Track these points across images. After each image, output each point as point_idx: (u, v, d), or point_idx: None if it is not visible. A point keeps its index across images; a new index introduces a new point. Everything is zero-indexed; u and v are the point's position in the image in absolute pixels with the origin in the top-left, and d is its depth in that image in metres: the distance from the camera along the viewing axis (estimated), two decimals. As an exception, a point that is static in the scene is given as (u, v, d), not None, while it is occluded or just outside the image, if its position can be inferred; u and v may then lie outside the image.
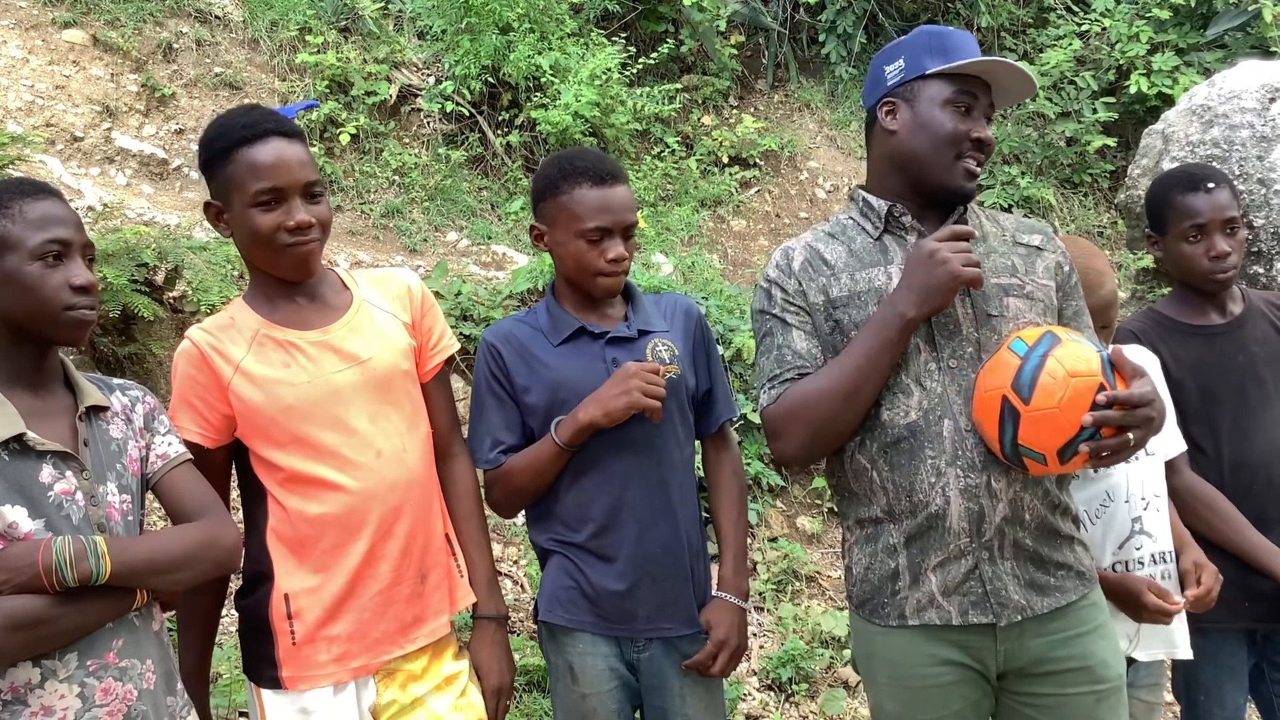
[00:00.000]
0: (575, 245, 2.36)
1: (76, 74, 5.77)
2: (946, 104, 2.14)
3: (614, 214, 2.36)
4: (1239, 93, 5.27)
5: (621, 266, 2.38)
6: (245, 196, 2.10)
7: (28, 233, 1.83)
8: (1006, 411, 1.95)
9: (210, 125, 2.21)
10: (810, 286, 2.21)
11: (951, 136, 2.14)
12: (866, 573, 2.19)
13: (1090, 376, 1.93)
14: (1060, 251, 2.25)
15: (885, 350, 2.07)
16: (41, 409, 1.86)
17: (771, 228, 7.02)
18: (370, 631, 2.15)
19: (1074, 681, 2.09)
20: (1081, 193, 7.35)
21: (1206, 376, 2.69)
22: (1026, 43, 7.95)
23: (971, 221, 2.22)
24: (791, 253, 2.27)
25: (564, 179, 2.38)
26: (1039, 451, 1.95)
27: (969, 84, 2.15)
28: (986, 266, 2.16)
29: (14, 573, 1.71)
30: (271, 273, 2.20)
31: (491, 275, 5.53)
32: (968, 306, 2.12)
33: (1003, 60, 2.14)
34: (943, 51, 2.16)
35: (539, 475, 2.36)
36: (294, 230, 2.11)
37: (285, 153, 2.12)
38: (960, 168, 2.14)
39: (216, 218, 2.17)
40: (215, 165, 2.13)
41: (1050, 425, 1.92)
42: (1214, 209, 2.65)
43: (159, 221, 4.86)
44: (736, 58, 7.58)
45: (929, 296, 2.04)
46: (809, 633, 4.13)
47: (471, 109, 6.50)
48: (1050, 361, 1.95)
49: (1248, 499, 2.63)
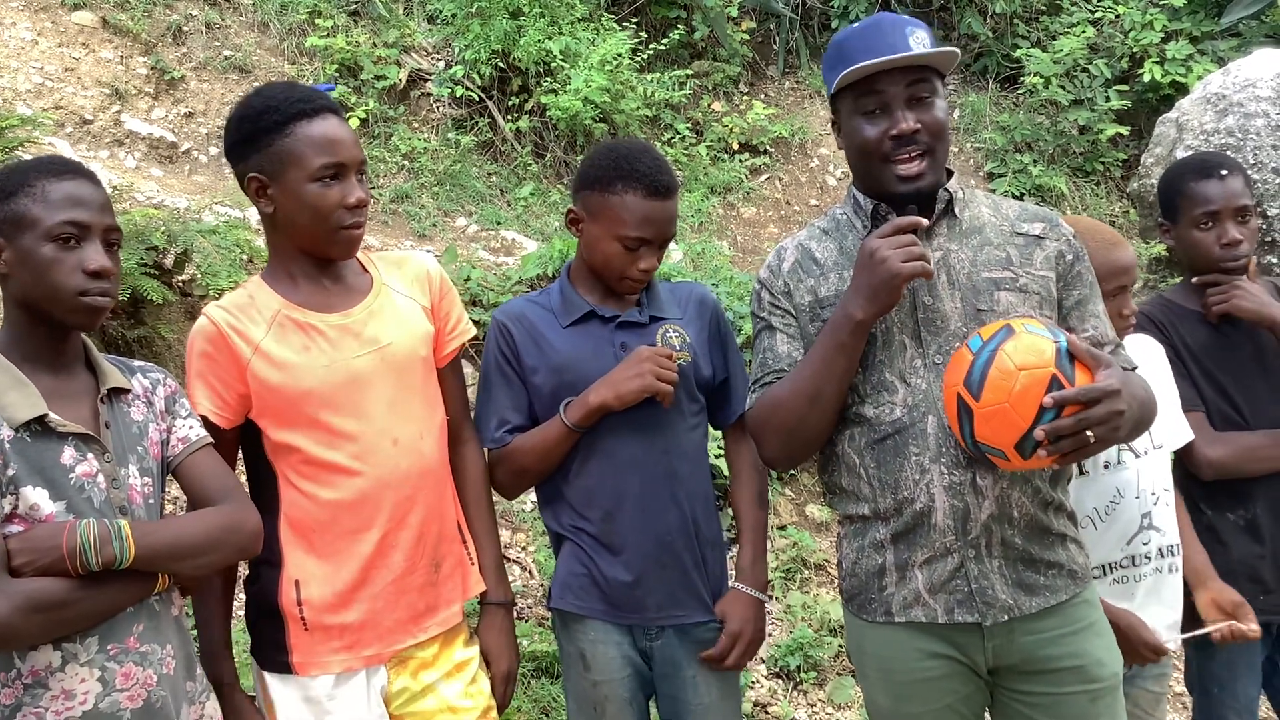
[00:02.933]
0: (611, 245, 2.34)
1: (86, 56, 5.77)
2: (858, 112, 2.10)
3: (658, 227, 2.34)
4: (1254, 81, 5.24)
5: (649, 276, 2.38)
6: (306, 171, 2.07)
7: (46, 212, 1.81)
8: (961, 409, 1.92)
9: (250, 100, 2.16)
10: (799, 288, 2.19)
11: (867, 146, 2.10)
12: (855, 567, 2.18)
13: (1041, 369, 1.87)
14: (1064, 239, 2.17)
15: (839, 353, 2.05)
16: (63, 390, 1.85)
17: (781, 215, 7.00)
18: (383, 620, 2.14)
19: (1067, 680, 2.07)
20: (1094, 181, 7.31)
21: (1216, 363, 2.68)
22: (1039, 30, 7.90)
23: (970, 210, 2.17)
24: (784, 252, 2.26)
25: (620, 179, 2.33)
26: (997, 447, 1.90)
27: (871, 83, 2.07)
28: (979, 259, 2.11)
29: (37, 554, 1.71)
30: (316, 251, 2.17)
31: (501, 261, 5.52)
32: (956, 301, 2.09)
33: (872, 63, 2.04)
34: (839, 62, 2.10)
35: (545, 456, 2.35)
36: (353, 209, 2.10)
37: (342, 130, 2.11)
38: (890, 171, 2.09)
39: (259, 192, 2.12)
40: (265, 137, 2.09)
41: (1001, 420, 1.87)
42: (1226, 196, 2.63)
43: (168, 205, 4.85)
44: (748, 44, 7.55)
45: (875, 296, 2.00)
46: (817, 621, 4.13)
47: (481, 94, 6.48)
48: (1000, 356, 1.89)
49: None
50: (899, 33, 2.08)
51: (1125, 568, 2.47)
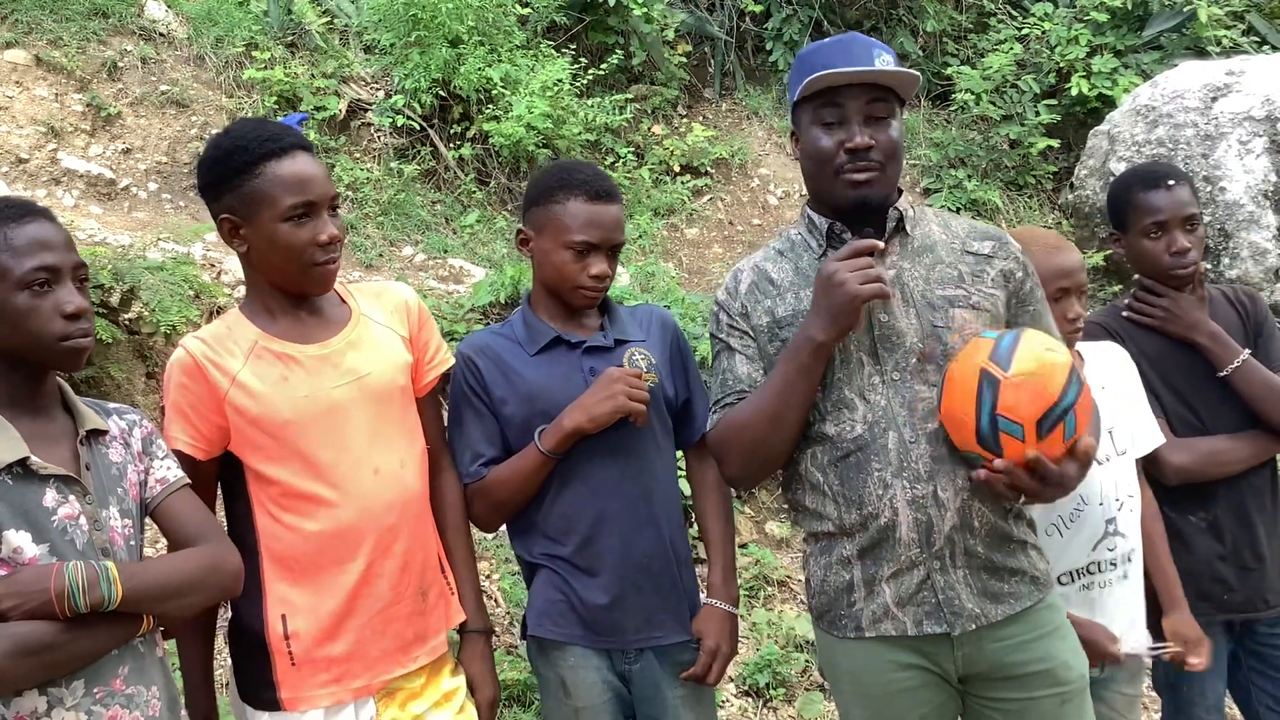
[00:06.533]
0: (560, 255, 2.37)
1: (20, 94, 5.67)
2: (816, 122, 2.14)
3: (604, 230, 2.37)
4: (1181, 92, 5.40)
5: (603, 284, 2.39)
6: (276, 210, 2.07)
7: (14, 261, 1.78)
8: (985, 383, 1.96)
9: (220, 140, 2.16)
10: (756, 309, 2.22)
11: (821, 155, 2.14)
12: (823, 585, 2.20)
13: (1063, 355, 2.00)
14: (1013, 257, 2.22)
15: (801, 375, 2.08)
16: (42, 433, 1.83)
17: (725, 235, 7.05)
18: (370, 650, 2.13)
19: (1037, 685, 2.11)
20: (1026, 194, 7.45)
21: (1172, 370, 2.73)
22: (968, 47, 8.05)
23: (921, 228, 2.22)
24: (740, 274, 2.29)
25: (560, 189, 2.38)
26: (1017, 421, 1.94)
27: (832, 96, 2.12)
28: (932, 277, 2.16)
29: (25, 598, 1.68)
30: (291, 288, 2.17)
31: (450, 289, 5.49)
32: (912, 318, 2.13)
33: (832, 72, 2.09)
34: (805, 71, 2.15)
35: (522, 486, 2.35)
36: (325, 245, 2.10)
37: (312, 167, 2.11)
38: (842, 181, 2.13)
39: (232, 233, 2.12)
40: (235, 178, 2.08)
41: (1031, 390, 1.94)
42: (1174, 206, 2.69)
43: (110, 242, 4.77)
44: (684, 67, 7.61)
45: (835, 319, 2.04)
46: (783, 637, 4.15)
47: (423, 123, 6.45)
48: (1026, 336, 2.01)
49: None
50: (866, 52, 2.14)
51: (1092, 574, 2.51)
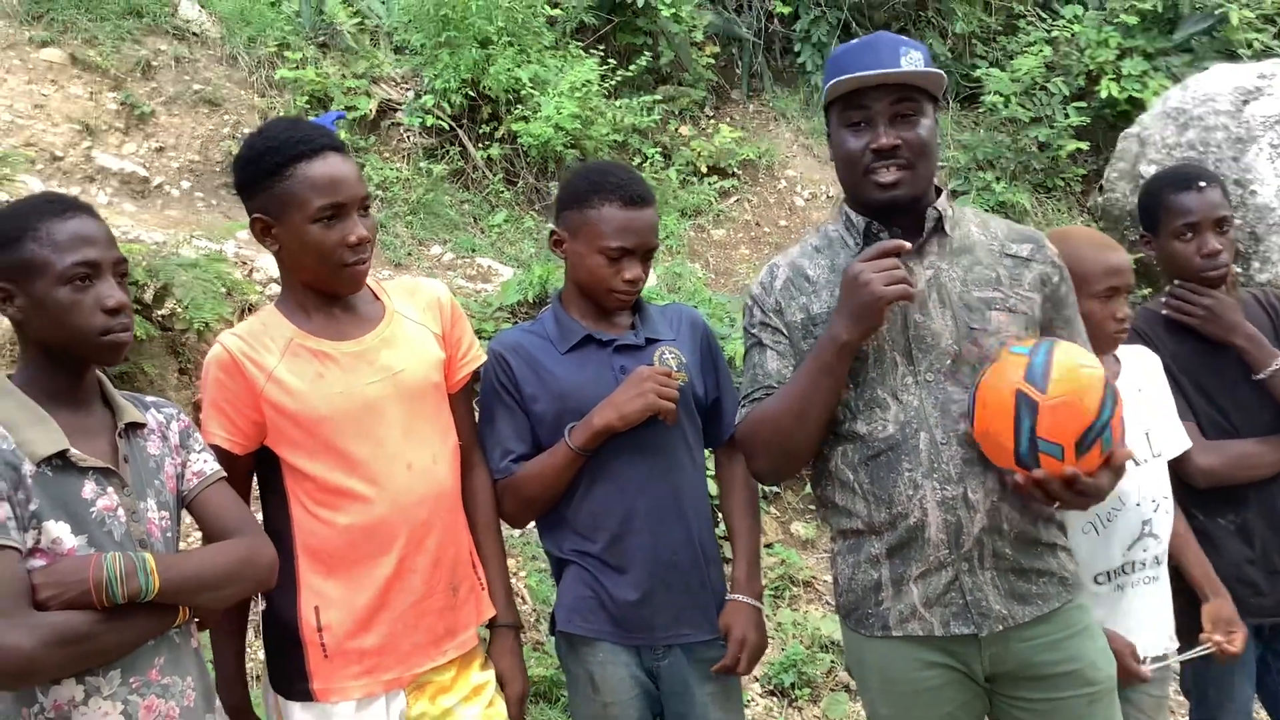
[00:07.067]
0: (594, 259, 2.38)
1: (55, 93, 5.73)
2: (844, 124, 2.15)
3: (638, 236, 2.38)
4: (1212, 95, 5.37)
5: (636, 288, 2.41)
6: (306, 212, 2.09)
7: (56, 255, 1.81)
8: (1023, 405, 1.95)
9: (253, 140, 2.19)
10: (791, 305, 2.23)
11: (849, 157, 2.14)
12: (850, 583, 2.21)
13: (1096, 369, 1.99)
14: (1049, 261, 2.21)
15: (825, 373, 2.09)
16: (82, 426, 1.86)
17: (752, 236, 7.05)
18: (401, 644, 2.15)
19: (1065, 685, 2.11)
20: (1055, 197, 7.42)
21: (1204, 372, 2.73)
22: (997, 49, 8.03)
23: (960, 229, 2.21)
24: (776, 269, 2.29)
25: (594, 193, 2.39)
26: (1057, 443, 1.94)
27: (858, 98, 2.11)
28: (969, 279, 2.15)
29: (64, 588, 1.71)
30: (323, 288, 2.19)
31: (478, 288, 5.53)
32: (948, 319, 2.12)
33: (854, 76, 2.09)
34: (833, 74, 2.15)
35: (552, 483, 2.37)
36: (355, 246, 2.12)
37: (343, 168, 2.12)
38: (870, 182, 2.12)
39: (264, 232, 2.15)
40: (267, 179, 2.11)
41: (1069, 411, 1.93)
42: (1205, 207, 2.69)
43: (143, 240, 4.82)
44: (712, 68, 7.62)
45: (859, 319, 2.04)
46: (809, 637, 4.15)
47: (452, 123, 6.49)
48: (1058, 352, 1.98)
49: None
50: (893, 51, 2.12)
51: (1126, 574, 2.51)
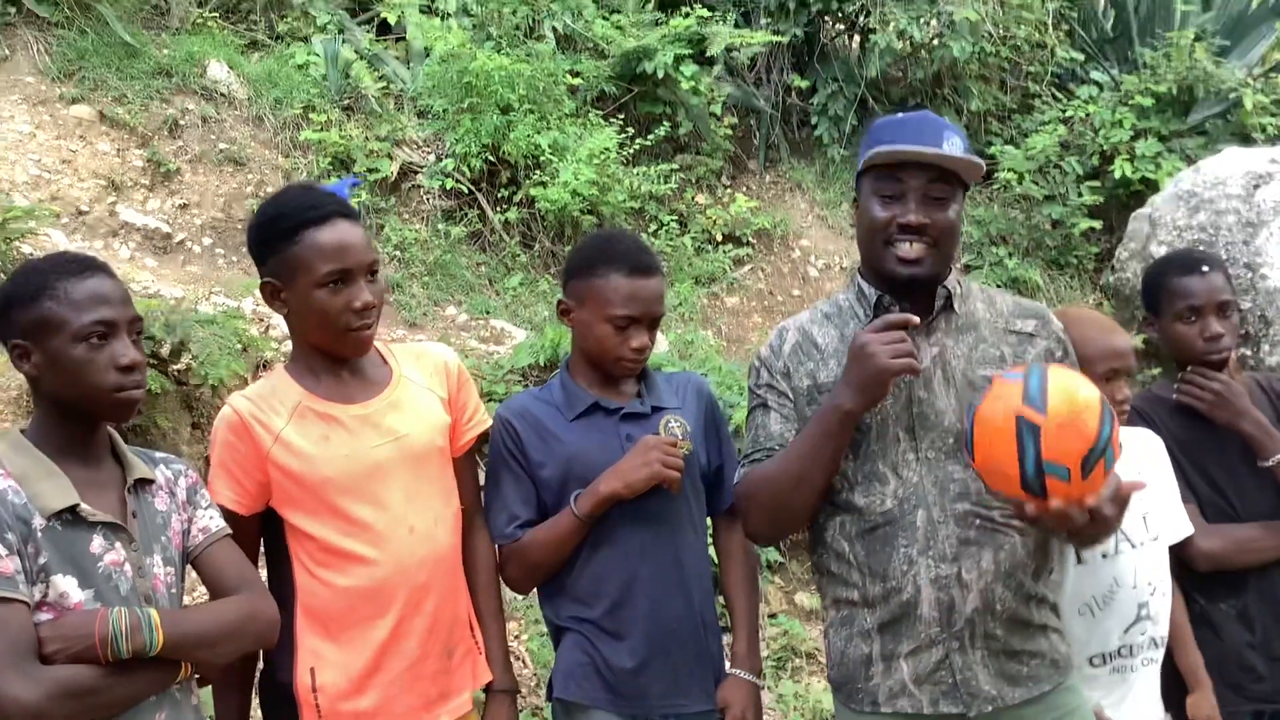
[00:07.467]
0: (601, 328, 2.41)
1: (83, 149, 5.85)
2: (875, 194, 2.16)
3: (644, 305, 2.41)
4: (1224, 179, 5.40)
5: (643, 356, 2.44)
6: (312, 277, 2.14)
7: (73, 314, 1.85)
8: (1025, 430, 1.88)
9: (267, 205, 2.26)
10: (798, 370, 2.24)
11: (874, 225, 2.16)
12: (843, 656, 2.21)
13: (1091, 388, 1.94)
14: (1054, 337, 2.23)
15: (827, 441, 2.10)
16: (92, 480, 1.89)
17: (765, 305, 7.10)
18: (395, 706, 2.16)
19: None
20: (1068, 274, 7.46)
21: (1206, 456, 2.74)
22: (1012, 127, 8.12)
23: (966, 305, 2.22)
24: (785, 333, 2.31)
25: (601, 262, 2.43)
26: (1063, 464, 1.87)
27: (897, 171, 2.13)
28: (974, 356, 2.17)
29: (70, 642, 1.73)
30: (329, 351, 2.23)
31: (491, 350, 5.57)
32: (951, 398, 2.14)
33: (897, 149, 2.11)
34: (870, 144, 2.18)
35: (557, 549, 2.39)
36: (360, 312, 2.16)
37: (350, 234, 2.18)
38: (890, 254, 2.14)
39: (273, 296, 2.20)
40: (276, 244, 2.17)
41: (1072, 431, 1.88)
42: (1209, 291, 2.72)
43: (163, 295, 4.90)
44: (729, 138, 7.72)
45: (863, 390, 2.05)
46: (810, 710, 4.12)
47: (471, 186, 6.58)
48: (1052, 375, 1.94)
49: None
50: (936, 132, 2.15)
51: (1124, 657, 2.50)
